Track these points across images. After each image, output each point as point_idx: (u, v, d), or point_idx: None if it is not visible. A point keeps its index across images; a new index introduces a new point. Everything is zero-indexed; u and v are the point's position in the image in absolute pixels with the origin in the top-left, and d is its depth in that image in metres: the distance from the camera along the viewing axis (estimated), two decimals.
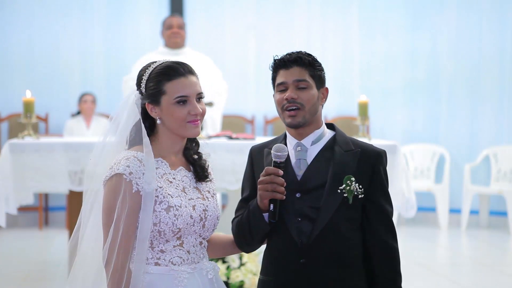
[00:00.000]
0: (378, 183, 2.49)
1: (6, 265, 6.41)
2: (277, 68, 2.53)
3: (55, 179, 4.81)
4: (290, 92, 2.47)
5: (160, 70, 2.40)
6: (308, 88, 2.49)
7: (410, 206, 4.94)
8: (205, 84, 6.29)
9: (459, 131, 8.54)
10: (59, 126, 8.30)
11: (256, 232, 2.49)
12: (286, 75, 2.49)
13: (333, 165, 2.47)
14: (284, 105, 2.48)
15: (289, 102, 2.47)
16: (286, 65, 2.50)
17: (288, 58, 2.51)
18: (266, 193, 2.41)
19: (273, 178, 2.40)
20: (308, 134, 2.52)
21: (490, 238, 7.95)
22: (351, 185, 2.44)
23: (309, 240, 2.44)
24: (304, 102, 2.47)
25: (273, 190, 2.40)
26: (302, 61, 2.49)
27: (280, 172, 2.41)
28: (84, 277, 2.43)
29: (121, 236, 2.29)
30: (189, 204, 2.39)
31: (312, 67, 2.50)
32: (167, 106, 2.38)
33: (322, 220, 2.44)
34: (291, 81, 2.48)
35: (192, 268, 2.39)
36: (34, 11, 8.40)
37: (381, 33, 8.70)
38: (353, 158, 2.48)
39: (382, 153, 2.53)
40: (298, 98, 2.47)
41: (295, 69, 2.49)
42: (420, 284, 5.85)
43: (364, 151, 2.51)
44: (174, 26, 6.23)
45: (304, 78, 2.48)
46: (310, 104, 2.48)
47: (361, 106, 5.29)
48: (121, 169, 2.31)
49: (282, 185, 2.40)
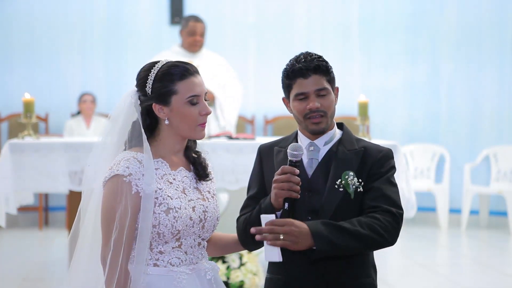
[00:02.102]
0: (381, 175, 2.48)
1: (6, 265, 6.41)
2: (295, 77, 2.51)
3: (55, 179, 4.82)
4: (312, 101, 2.49)
5: (169, 69, 2.37)
6: (327, 94, 2.51)
7: (410, 206, 4.95)
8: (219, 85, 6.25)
9: (459, 131, 8.54)
10: (59, 126, 8.30)
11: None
12: (306, 85, 2.49)
13: (334, 164, 2.50)
14: (307, 114, 2.50)
15: (313, 111, 2.48)
16: (304, 74, 2.49)
17: (307, 66, 2.49)
18: (282, 192, 2.41)
19: (290, 177, 2.41)
20: (322, 135, 2.54)
21: (490, 238, 7.95)
22: (348, 179, 2.45)
23: None
24: (326, 109, 2.50)
25: (289, 189, 2.40)
26: (320, 68, 2.50)
27: (296, 171, 2.42)
28: (82, 278, 2.42)
29: (120, 237, 2.28)
30: (189, 205, 2.38)
31: (327, 72, 2.52)
32: (178, 106, 2.36)
33: (324, 217, 2.44)
34: (312, 91, 2.49)
35: (190, 269, 2.39)
36: (34, 11, 8.40)
37: (381, 31, 8.70)
38: (355, 157, 2.50)
39: (386, 151, 2.54)
40: (321, 107, 2.49)
41: (314, 77, 2.49)
42: (420, 284, 5.85)
43: (367, 150, 2.52)
44: (198, 34, 6.08)
45: (324, 86, 2.50)
46: (331, 110, 2.53)
47: (361, 106, 5.29)
48: (120, 170, 2.30)
49: (298, 184, 2.41)
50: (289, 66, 2.52)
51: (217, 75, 6.14)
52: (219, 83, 6.14)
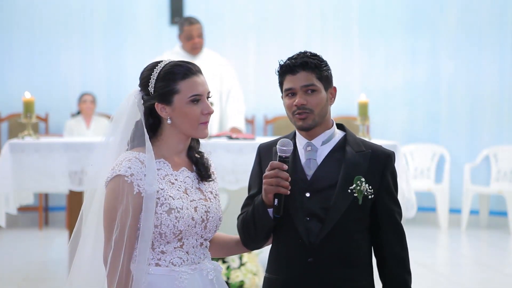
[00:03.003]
0: (387, 184, 2.49)
1: (6, 265, 6.41)
2: (284, 73, 2.51)
3: (55, 179, 4.82)
4: (299, 98, 2.46)
5: (171, 69, 2.37)
6: (316, 91, 2.47)
7: (410, 206, 4.95)
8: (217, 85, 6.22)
9: (459, 131, 8.54)
10: (59, 126, 8.30)
11: (261, 228, 2.49)
12: (294, 81, 2.48)
13: (344, 165, 2.47)
14: (294, 111, 2.48)
15: (299, 108, 2.46)
16: (293, 70, 2.48)
17: (294, 63, 2.48)
18: (270, 188, 2.41)
19: (278, 173, 2.40)
20: (319, 134, 2.51)
21: (490, 238, 7.95)
22: (361, 186, 2.44)
23: (317, 240, 2.44)
24: (313, 106, 2.46)
25: (277, 184, 2.40)
26: (308, 65, 2.47)
27: (284, 166, 2.40)
28: (84, 278, 2.42)
29: (122, 237, 2.28)
30: (190, 206, 2.38)
31: (318, 69, 2.48)
32: (181, 105, 2.36)
33: (331, 220, 2.44)
34: (299, 87, 2.47)
35: (192, 268, 2.39)
36: (34, 10, 8.40)
37: (381, 32, 8.70)
38: (364, 159, 2.49)
39: (391, 154, 2.53)
40: (308, 104, 2.46)
41: (302, 74, 2.47)
42: (420, 284, 5.85)
43: (374, 152, 2.51)
44: (195, 36, 6.03)
45: (311, 83, 2.47)
46: (320, 108, 2.48)
47: (361, 106, 5.29)
48: (122, 170, 2.30)
49: (287, 179, 2.40)
50: (281, 63, 2.52)
51: (221, 77, 6.13)
52: (223, 90, 6.13)
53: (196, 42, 6.05)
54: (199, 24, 6.10)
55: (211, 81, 6.07)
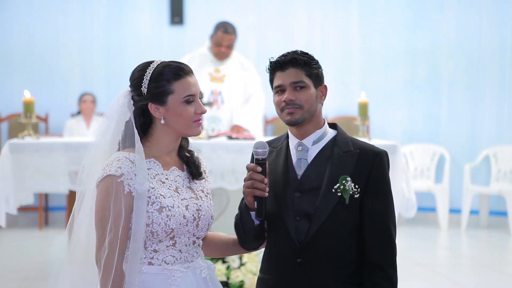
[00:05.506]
0: (374, 183, 2.47)
1: (6, 265, 6.41)
2: (274, 70, 2.52)
3: (55, 179, 4.82)
4: (287, 94, 2.46)
5: (164, 70, 2.39)
6: (305, 88, 2.48)
7: (410, 206, 4.94)
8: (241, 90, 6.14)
9: (459, 131, 8.54)
10: (59, 126, 8.30)
11: (248, 230, 2.51)
12: (283, 77, 2.48)
13: (330, 165, 2.47)
14: (283, 107, 2.48)
15: (288, 104, 2.46)
16: (282, 66, 2.49)
17: (283, 59, 2.49)
18: (247, 190, 2.42)
19: (252, 175, 2.41)
20: (310, 134, 2.51)
21: (490, 238, 7.95)
22: (346, 184, 2.42)
23: (306, 239, 2.44)
24: (302, 103, 2.46)
25: (252, 187, 2.40)
26: (297, 61, 2.48)
27: (258, 168, 2.41)
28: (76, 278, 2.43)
29: (115, 238, 2.29)
30: (182, 204, 2.39)
31: (308, 66, 2.49)
32: (175, 105, 2.38)
33: (318, 220, 2.43)
34: (288, 83, 2.47)
35: (185, 267, 2.40)
36: (34, 11, 8.41)
37: (381, 32, 8.70)
38: (351, 159, 2.47)
39: (381, 153, 2.50)
40: (296, 100, 2.46)
41: (291, 70, 2.48)
42: (420, 284, 5.85)
43: (363, 152, 2.49)
44: (223, 45, 5.96)
45: (300, 79, 2.47)
46: (309, 104, 2.47)
47: (361, 106, 5.28)
48: (112, 170, 2.31)
49: (262, 181, 2.40)
50: (271, 60, 2.53)
51: (245, 83, 6.06)
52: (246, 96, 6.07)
53: (223, 51, 5.99)
54: (233, 35, 6.00)
55: (235, 87, 6.04)
